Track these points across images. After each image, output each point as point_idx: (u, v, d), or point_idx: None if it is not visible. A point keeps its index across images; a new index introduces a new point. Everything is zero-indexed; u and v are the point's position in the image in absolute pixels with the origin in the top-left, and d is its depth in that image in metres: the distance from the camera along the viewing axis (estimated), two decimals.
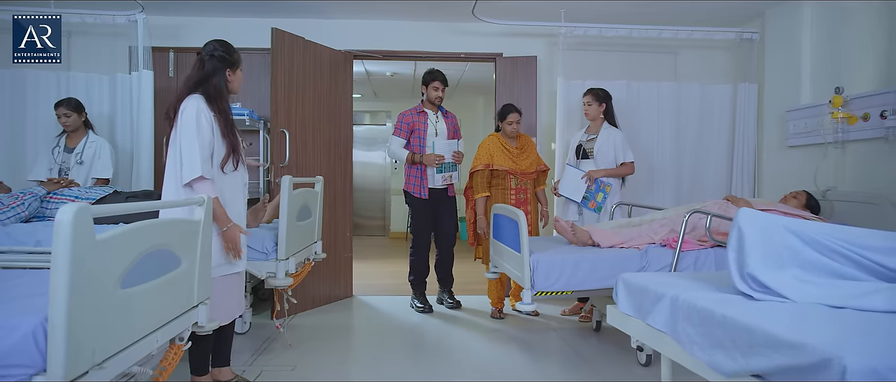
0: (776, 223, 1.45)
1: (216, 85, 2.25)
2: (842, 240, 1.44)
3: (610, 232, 2.98)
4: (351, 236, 4.34)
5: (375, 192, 8.85)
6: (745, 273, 1.45)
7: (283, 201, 2.68)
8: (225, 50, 2.29)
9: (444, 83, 3.91)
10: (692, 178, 4.42)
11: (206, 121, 2.16)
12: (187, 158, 2.12)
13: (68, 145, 3.55)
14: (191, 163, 2.11)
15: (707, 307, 1.37)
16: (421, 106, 3.94)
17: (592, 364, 2.88)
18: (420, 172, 3.85)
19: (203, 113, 2.16)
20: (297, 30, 3.94)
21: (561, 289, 2.70)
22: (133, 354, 1.51)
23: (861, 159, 3.34)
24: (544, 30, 4.35)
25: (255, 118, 3.98)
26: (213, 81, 2.24)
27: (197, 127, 2.13)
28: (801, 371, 1.05)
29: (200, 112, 2.16)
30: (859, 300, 1.34)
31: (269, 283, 2.71)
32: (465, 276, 4.74)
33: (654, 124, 4.35)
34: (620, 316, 1.80)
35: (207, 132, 2.16)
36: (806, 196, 3.26)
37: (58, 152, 3.52)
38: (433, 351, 3.18)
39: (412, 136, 3.87)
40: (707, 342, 1.34)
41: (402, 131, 3.88)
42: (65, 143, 3.55)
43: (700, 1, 3.92)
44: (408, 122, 3.88)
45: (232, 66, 2.30)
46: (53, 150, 3.53)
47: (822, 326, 1.18)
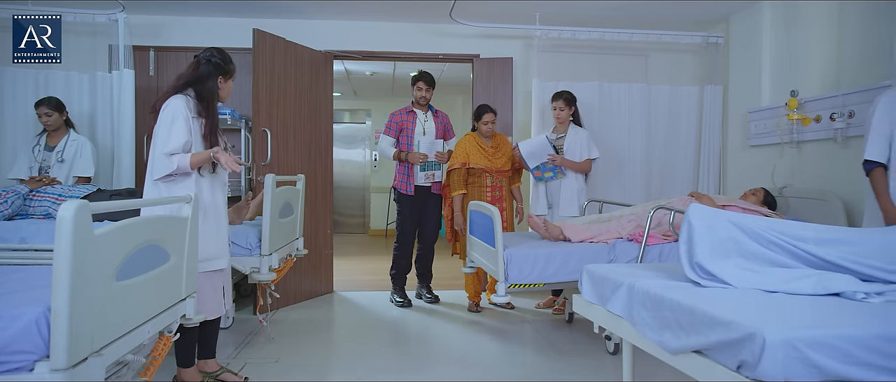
0: (721, 217, 1.60)
1: (210, 88, 2.32)
2: (779, 233, 1.60)
3: (580, 228, 3.13)
4: (332, 233, 4.43)
5: (355, 190, 8.92)
6: (693, 262, 1.60)
7: (267, 198, 2.77)
8: (222, 58, 2.37)
9: (427, 84, 4.03)
10: (661, 176, 4.61)
11: (183, 121, 2.23)
12: (158, 156, 2.20)
13: (49, 143, 3.57)
14: (161, 162, 2.19)
15: (658, 293, 1.52)
16: (410, 106, 4.05)
17: (564, 354, 3.03)
18: (407, 169, 3.98)
19: (181, 114, 2.23)
20: (278, 30, 4.02)
21: (533, 282, 2.84)
22: (127, 343, 1.60)
23: (814, 158, 3.55)
24: (520, 32, 4.49)
25: (236, 117, 4.04)
26: (208, 85, 2.32)
27: (170, 128, 2.20)
28: (731, 345, 1.21)
29: (177, 113, 2.23)
30: (790, 284, 1.50)
31: (252, 278, 2.80)
32: (443, 271, 4.86)
33: (625, 124, 4.52)
34: (585, 303, 1.95)
35: (184, 132, 2.22)
36: (764, 193, 3.46)
37: (38, 150, 3.54)
38: (413, 343, 3.30)
39: (401, 135, 4.01)
40: (657, 324, 1.49)
41: (392, 130, 4.02)
42: (45, 142, 3.58)
43: (669, 4, 4.08)
44: (397, 122, 4.02)
45: (225, 75, 2.38)
46: (34, 149, 3.55)
47: (752, 307, 1.34)
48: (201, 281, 2.22)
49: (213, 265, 2.35)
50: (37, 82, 3.95)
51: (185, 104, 2.27)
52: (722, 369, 1.25)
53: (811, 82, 3.60)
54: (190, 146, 2.25)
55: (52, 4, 3.74)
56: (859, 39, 3.28)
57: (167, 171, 2.19)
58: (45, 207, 3.10)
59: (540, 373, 2.74)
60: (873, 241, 1.59)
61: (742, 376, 1.19)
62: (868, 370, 1.15)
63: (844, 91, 3.24)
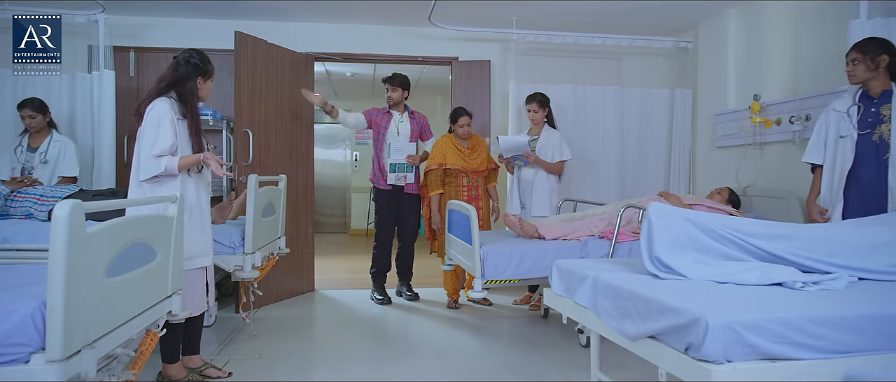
0: (678, 215, 1.73)
1: (190, 89, 2.39)
2: (730, 229, 1.74)
3: (554, 226, 3.26)
4: (313, 232, 4.50)
5: (336, 190, 8.97)
6: (653, 256, 1.73)
7: (250, 198, 2.84)
8: (200, 59, 2.44)
9: (398, 85, 4.06)
10: (634, 176, 4.77)
11: (169, 123, 2.30)
12: (144, 158, 2.27)
13: (31, 145, 3.59)
14: (147, 163, 2.26)
15: (619, 284, 1.64)
16: (386, 107, 4.13)
17: (539, 347, 3.16)
18: (379, 164, 4.08)
19: (166, 115, 2.30)
20: (260, 32, 4.08)
21: (509, 278, 2.96)
22: (117, 337, 1.67)
23: (775, 159, 3.74)
24: (497, 36, 4.61)
25: (218, 118, 4.09)
26: (188, 86, 2.39)
27: (156, 130, 2.27)
28: (680, 329, 1.33)
29: (163, 115, 2.30)
30: (739, 276, 1.64)
31: (236, 276, 2.87)
32: (423, 270, 4.96)
33: (599, 125, 4.67)
34: (554, 296, 2.07)
35: (170, 135, 2.29)
36: (729, 192, 3.63)
37: (20, 151, 3.55)
38: (393, 338, 3.40)
39: (372, 129, 4.10)
40: (618, 313, 1.61)
41: (367, 115, 4.13)
42: (28, 143, 3.59)
43: (641, 10, 4.24)
44: (371, 115, 4.12)
45: (204, 75, 2.45)
46: (16, 150, 3.56)
47: (702, 296, 1.47)
48: (185, 278, 2.29)
49: (197, 263, 2.42)
50: (15, 83, 3.94)
51: (170, 106, 2.34)
52: (672, 351, 1.38)
53: (772, 87, 3.79)
54: (176, 148, 2.32)
55: (30, 5, 3.75)
56: (815, 47, 3.47)
57: (155, 172, 2.26)
58: (26, 207, 3.13)
59: (515, 366, 2.86)
60: (813, 236, 1.74)
61: (689, 357, 1.31)
62: (797, 348, 1.29)
63: (802, 95, 3.43)
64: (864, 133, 2.53)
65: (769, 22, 3.85)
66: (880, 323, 1.34)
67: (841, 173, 2.58)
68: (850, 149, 2.55)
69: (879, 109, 2.52)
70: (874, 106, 2.53)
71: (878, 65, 2.48)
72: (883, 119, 2.50)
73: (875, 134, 2.52)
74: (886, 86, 2.52)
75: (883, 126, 2.49)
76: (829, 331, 1.31)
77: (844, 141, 2.57)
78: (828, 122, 2.63)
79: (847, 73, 2.54)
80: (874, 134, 2.52)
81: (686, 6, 4.15)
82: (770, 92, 3.78)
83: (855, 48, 2.52)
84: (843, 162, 2.57)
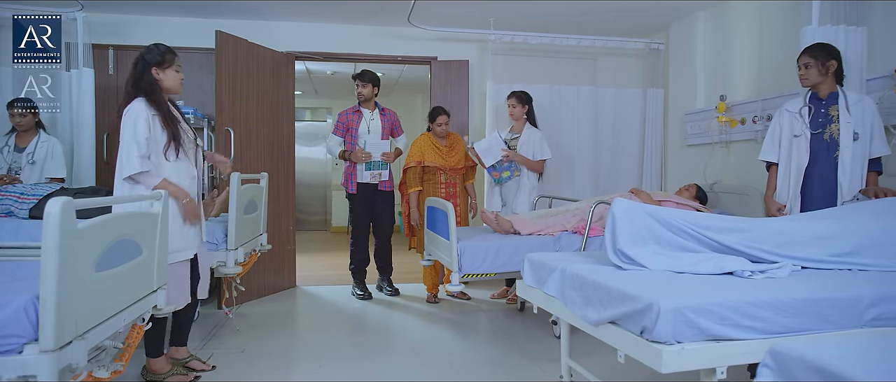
0: (638, 209, 1.85)
1: (148, 82, 2.44)
2: (688, 222, 1.87)
3: (529, 222, 3.38)
4: (294, 229, 4.56)
5: (317, 187, 9.00)
6: (616, 249, 1.85)
7: (233, 195, 2.90)
8: (149, 50, 2.46)
9: (368, 81, 4.13)
10: (608, 173, 4.92)
11: (144, 121, 2.36)
12: (124, 157, 2.34)
13: (18, 145, 3.58)
14: (128, 162, 2.34)
15: (584, 275, 1.76)
16: (357, 105, 4.19)
17: (515, 339, 3.27)
18: (351, 168, 4.13)
19: (142, 114, 2.37)
20: (241, 30, 4.12)
21: (485, 272, 3.07)
22: (106, 329, 1.74)
23: (740, 157, 3.91)
24: (475, 36, 4.71)
25: (199, 117, 4.12)
26: (145, 79, 2.43)
27: (134, 128, 2.34)
28: (636, 314, 1.45)
29: (139, 114, 2.37)
30: (694, 266, 1.77)
31: (219, 272, 2.93)
32: (403, 266, 5.05)
33: (574, 124, 4.80)
34: (526, 287, 2.19)
35: (145, 131, 2.36)
36: (696, 188, 3.78)
37: (7, 151, 3.55)
38: (373, 332, 3.49)
39: (347, 134, 4.14)
40: (583, 301, 1.73)
41: (339, 129, 4.16)
42: (14, 143, 3.58)
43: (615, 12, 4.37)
44: (344, 121, 4.15)
45: (159, 65, 2.45)
46: (2, 150, 3.56)
47: (658, 284, 1.59)
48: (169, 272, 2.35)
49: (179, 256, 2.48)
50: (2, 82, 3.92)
51: (146, 105, 2.40)
52: (629, 335, 1.50)
53: (738, 87, 3.96)
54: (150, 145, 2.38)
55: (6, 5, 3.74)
56: (776, 50, 3.64)
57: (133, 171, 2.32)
58: (6, 206, 3.14)
59: (492, 358, 2.97)
60: (762, 229, 1.88)
61: (643, 339, 1.43)
62: (739, 329, 1.43)
63: (764, 96, 3.60)
64: (817, 132, 2.69)
65: (735, 25, 4.02)
66: (814, 306, 1.47)
67: (798, 171, 2.73)
68: (805, 148, 2.70)
69: (828, 110, 2.68)
70: (823, 107, 2.70)
71: (827, 69, 2.64)
72: (832, 119, 2.66)
73: (826, 133, 2.68)
74: (833, 89, 2.69)
75: (832, 126, 2.66)
76: (768, 313, 1.44)
77: (799, 140, 2.72)
78: (781, 122, 2.79)
79: (800, 77, 2.70)
80: (825, 133, 2.68)
81: (658, 8, 4.30)
82: (735, 92, 3.95)
83: (807, 53, 2.67)
84: (798, 160, 2.72)
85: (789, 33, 3.45)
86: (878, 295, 1.56)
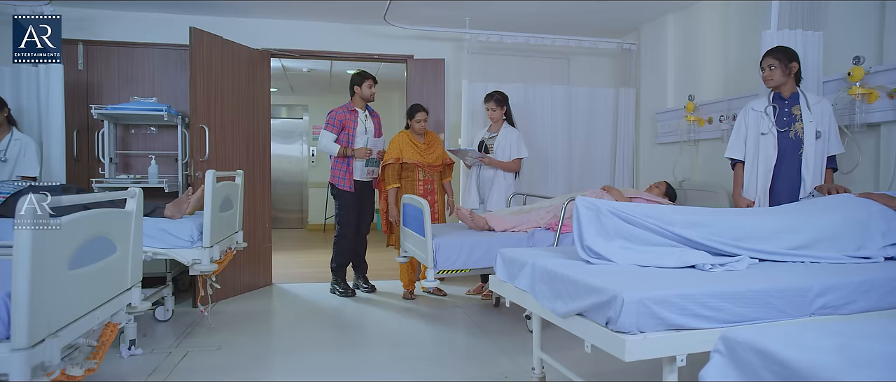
0: (605, 207, 1.92)
1: None
2: (652, 217, 1.94)
3: (503, 218, 3.44)
4: (270, 227, 4.55)
5: (293, 185, 8.95)
6: (584, 245, 1.91)
7: (208, 192, 2.89)
8: None
9: (376, 83, 4.20)
10: (581, 170, 5.02)
11: None
12: None
13: None
14: None
15: (554, 269, 1.82)
16: (351, 104, 4.19)
17: (490, 333, 3.33)
18: (347, 166, 4.12)
19: None
20: (215, 27, 4.09)
21: (460, 268, 3.12)
22: (80, 327, 1.74)
23: (707, 155, 4.03)
24: (451, 35, 4.75)
25: (173, 113, 4.09)
26: None
27: None
28: (601, 306, 1.52)
29: None
30: (659, 260, 1.84)
31: (194, 269, 2.92)
32: (379, 263, 5.08)
33: (548, 122, 4.88)
34: (498, 282, 2.24)
35: None
36: (666, 186, 3.89)
37: None
38: (350, 328, 3.51)
39: (342, 133, 4.11)
40: (552, 294, 1.79)
41: (334, 127, 4.09)
42: None
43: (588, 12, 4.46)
44: (340, 119, 4.10)
45: None
46: None
47: (623, 277, 1.66)
48: None
49: None
50: None
51: None
52: (595, 326, 1.56)
53: (705, 88, 4.08)
54: None
55: None
56: (740, 52, 3.77)
57: None
58: None
59: (468, 352, 3.03)
60: (723, 224, 1.97)
61: (608, 330, 1.50)
62: (698, 319, 1.50)
63: (730, 96, 3.72)
64: (783, 131, 2.81)
65: (703, 27, 4.14)
66: (767, 296, 1.56)
67: (766, 168, 2.81)
68: (773, 146, 2.81)
69: (791, 109, 2.80)
70: (786, 106, 2.81)
71: (790, 70, 2.76)
72: (795, 118, 2.78)
73: (791, 132, 2.80)
74: (794, 89, 2.81)
75: (796, 124, 2.78)
76: (725, 304, 1.52)
77: (766, 138, 2.82)
78: (747, 121, 2.89)
79: (764, 78, 2.81)
80: (791, 131, 2.80)
81: (629, 10, 4.40)
82: (703, 93, 4.07)
83: (770, 55, 2.78)
84: (766, 158, 2.82)
85: (751, 36, 3.58)
86: (825, 285, 1.66)
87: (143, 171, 4.32)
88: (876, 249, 2.01)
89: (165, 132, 4.49)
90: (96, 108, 4.03)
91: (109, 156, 4.23)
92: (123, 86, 4.42)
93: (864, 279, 1.71)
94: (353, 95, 4.19)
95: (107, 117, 4.14)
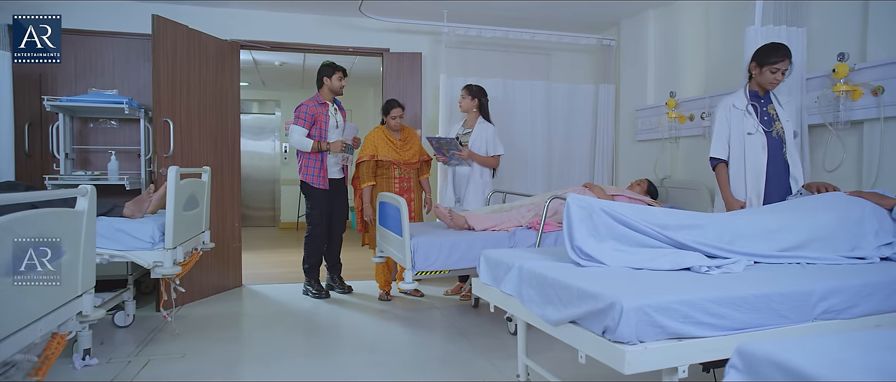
0: (595, 205, 1.82)
1: None
2: (644, 219, 1.85)
3: (483, 217, 3.33)
4: (240, 226, 4.35)
5: (264, 182, 8.71)
6: (574, 246, 1.81)
7: (170, 190, 2.70)
8: None
9: (346, 74, 4.03)
10: (561, 167, 4.94)
11: None
12: None
13: None
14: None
15: (543, 272, 1.71)
16: (319, 96, 4.00)
17: (469, 336, 3.22)
18: (320, 162, 3.91)
19: None
20: (180, 15, 3.88)
21: (439, 268, 3.00)
22: (16, 342, 1.56)
23: (688, 152, 3.99)
24: (428, 28, 4.62)
25: (134, 106, 3.85)
26: None
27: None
28: (597, 314, 1.41)
29: None
30: (652, 262, 1.75)
31: (155, 272, 2.72)
32: (354, 262, 4.93)
33: (528, 119, 4.79)
34: (482, 285, 2.12)
35: None
36: (647, 183, 3.83)
37: None
38: (323, 332, 3.35)
39: (314, 127, 3.90)
40: (542, 300, 1.68)
41: (305, 121, 3.87)
42: None
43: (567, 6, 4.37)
44: (311, 113, 3.89)
45: None
46: None
47: (618, 282, 1.55)
48: None
49: None
50: None
51: None
52: (591, 335, 1.45)
53: (686, 85, 4.03)
54: None
55: None
56: (721, 49, 3.73)
57: None
58: None
59: (446, 355, 2.90)
60: (716, 225, 1.89)
61: (605, 339, 1.39)
62: (701, 327, 1.41)
63: (711, 94, 3.68)
64: (768, 130, 2.74)
65: (683, 23, 4.09)
66: (770, 301, 1.48)
67: (757, 170, 2.69)
68: (762, 147, 2.69)
69: (766, 108, 2.75)
70: (763, 105, 2.76)
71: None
72: (773, 117, 2.73)
73: (773, 130, 2.74)
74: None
75: (776, 124, 2.72)
76: (728, 310, 1.43)
77: (753, 138, 2.71)
78: (730, 119, 2.79)
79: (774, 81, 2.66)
80: (773, 131, 2.74)
81: (609, 5, 4.33)
82: (684, 89, 4.03)
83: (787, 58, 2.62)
84: (756, 159, 2.71)
85: (733, 33, 3.53)
86: (827, 289, 1.59)
87: (103, 168, 4.08)
88: (870, 249, 1.96)
89: (127, 126, 4.25)
90: (49, 99, 3.77)
91: (65, 151, 3.97)
92: (81, 78, 4.16)
93: (866, 282, 1.64)
94: (321, 87, 3.99)
95: (61, 109, 3.88)
